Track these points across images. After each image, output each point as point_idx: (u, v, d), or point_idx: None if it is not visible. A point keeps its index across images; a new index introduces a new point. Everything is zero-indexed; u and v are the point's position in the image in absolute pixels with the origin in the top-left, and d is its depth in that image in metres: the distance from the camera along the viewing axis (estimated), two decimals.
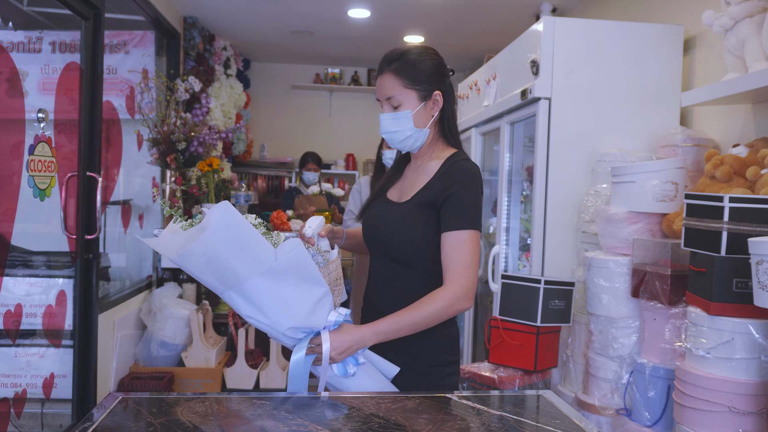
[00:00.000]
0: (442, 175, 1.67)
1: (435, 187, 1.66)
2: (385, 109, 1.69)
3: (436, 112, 1.71)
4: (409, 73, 1.66)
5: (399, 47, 1.71)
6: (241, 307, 1.48)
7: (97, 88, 3.13)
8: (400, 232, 1.67)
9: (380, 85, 1.69)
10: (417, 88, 1.66)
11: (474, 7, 4.44)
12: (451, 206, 1.62)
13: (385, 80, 1.68)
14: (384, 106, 1.70)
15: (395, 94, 1.66)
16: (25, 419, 2.67)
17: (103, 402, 1.26)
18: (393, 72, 1.67)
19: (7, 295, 2.62)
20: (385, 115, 1.69)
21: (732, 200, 1.88)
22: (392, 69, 1.67)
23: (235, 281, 1.43)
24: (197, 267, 1.43)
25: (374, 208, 1.79)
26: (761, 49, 2.09)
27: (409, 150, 1.74)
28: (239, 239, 1.41)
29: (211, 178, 3.99)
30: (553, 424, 1.18)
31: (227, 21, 5.04)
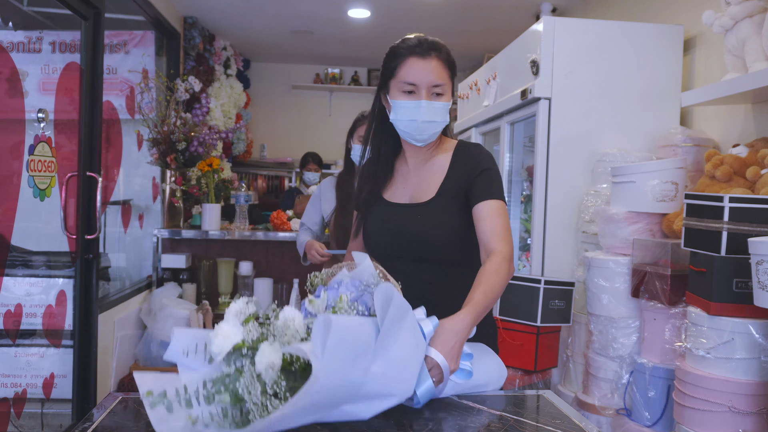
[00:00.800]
0: (459, 162, 1.62)
1: (460, 175, 1.60)
2: (423, 96, 1.56)
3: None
4: (452, 63, 1.61)
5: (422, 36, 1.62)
6: (363, 411, 1.10)
7: (97, 88, 3.12)
8: (438, 233, 1.58)
9: (428, 69, 1.56)
10: (452, 81, 1.62)
11: (474, 7, 4.44)
12: (483, 181, 1.57)
13: (435, 66, 1.57)
14: (422, 92, 1.56)
15: (443, 83, 1.58)
16: (25, 419, 2.67)
17: (103, 402, 1.26)
18: (443, 60, 1.58)
19: (7, 295, 2.62)
20: (438, 102, 1.57)
21: (732, 200, 1.88)
22: (442, 57, 1.58)
23: (351, 396, 1.07)
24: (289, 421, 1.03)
25: (383, 214, 1.66)
26: (761, 49, 2.09)
27: (423, 143, 1.63)
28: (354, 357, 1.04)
29: (211, 178, 3.99)
30: (553, 424, 1.18)
31: (227, 21, 5.04)
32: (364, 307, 1.13)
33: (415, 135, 1.60)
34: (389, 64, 1.62)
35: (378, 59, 1.71)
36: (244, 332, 1.05)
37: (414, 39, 1.60)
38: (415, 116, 1.57)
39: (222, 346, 1.03)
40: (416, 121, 1.57)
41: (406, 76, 1.58)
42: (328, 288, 1.18)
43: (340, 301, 1.11)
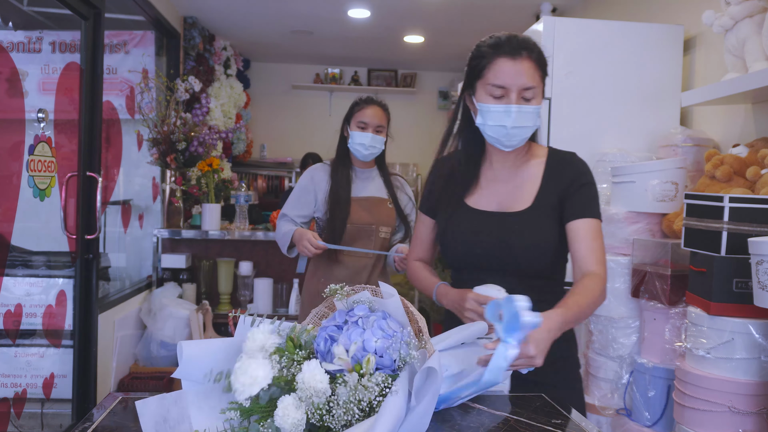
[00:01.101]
0: (555, 171, 1.54)
1: (557, 186, 1.52)
2: (514, 100, 1.45)
3: None
4: (543, 62, 1.49)
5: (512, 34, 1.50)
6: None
7: (97, 88, 3.12)
8: (534, 245, 1.49)
9: (519, 71, 1.44)
10: (543, 82, 1.50)
11: (474, 7, 4.44)
12: (582, 197, 1.51)
13: (526, 68, 1.44)
14: (512, 96, 1.45)
15: (535, 85, 1.46)
16: (25, 419, 2.67)
17: (103, 402, 1.26)
18: (535, 61, 1.46)
19: (7, 295, 2.63)
20: (528, 107, 1.46)
21: (732, 200, 1.88)
22: (533, 57, 1.46)
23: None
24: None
25: (469, 221, 1.56)
26: (761, 49, 2.09)
27: (511, 149, 1.52)
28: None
29: (211, 178, 3.99)
30: (553, 424, 1.18)
31: (227, 21, 5.04)
32: (389, 362, 1.04)
33: (504, 141, 1.50)
34: (476, 64, 1.50)
35: (378, 59, 1.70)
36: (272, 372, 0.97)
37: (503, 37, 1.48)
38: (504, 122, 1.46)
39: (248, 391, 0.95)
40: (505, 127, 1.47)
41: (495, 78, 1.46)
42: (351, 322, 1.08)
43: (367, 362, 1.00)
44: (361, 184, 2.58)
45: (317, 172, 2.60)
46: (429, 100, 6.82)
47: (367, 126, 2.49)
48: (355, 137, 2.50)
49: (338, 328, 1.08)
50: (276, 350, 1.01)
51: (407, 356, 1.02)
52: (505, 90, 1.45)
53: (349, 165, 2.58)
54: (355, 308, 1.11)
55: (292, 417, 0.93)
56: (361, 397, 0.95)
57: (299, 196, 2.58)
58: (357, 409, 0.95)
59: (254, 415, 0.98)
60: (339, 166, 2.57)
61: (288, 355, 1.01)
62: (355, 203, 2.52)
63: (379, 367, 1.02)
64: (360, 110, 2.51)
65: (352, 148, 2.52)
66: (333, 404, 0.96)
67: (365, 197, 2.56)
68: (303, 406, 0.95)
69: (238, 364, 0.96)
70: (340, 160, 2.59)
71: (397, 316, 1.10)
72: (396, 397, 0.95)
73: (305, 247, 2.37)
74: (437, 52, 5.82)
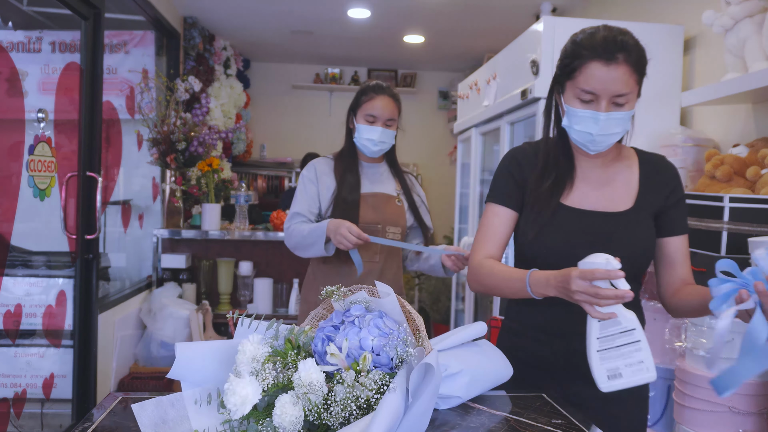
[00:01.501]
0: (652, 176, 1.50)
1: (655, 193, 1.48)
2: (604, 107, 1.37)
3: None
4: (641, 64, 1.38)
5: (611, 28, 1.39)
6: None
7: (97, 88, 3.13)
8: (638, 247, 1.45)
9: (613, 78, 1.34)
10: (640, 83, 1.40)
11: (474, 7, 4.44)
12: (681, 211, 1.49)
13: (621, 74, 1.34)
14: (602, 103, 1.37)
15: (628, 91, 1.36)
16: (25, 419, 2.67)
17: (103, 402, 1.26)
18: (631, 65, 1.35)
19: (7, 295, 2.62)
20: (618, 113, 1.37)
21: (732, 200, 1.88)
22: (631, 60, 1.35)
23: None
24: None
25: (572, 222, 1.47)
26: (761, 49, 2.09)
27: (596, 152, 1.46)
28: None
29: (211, 178, 3.99)
30: (553, 424, 1.18)
31: (227, 21, 5.04)
32: (387, 360, 1.04)
33: (589, 146, 1.44)
34: (568, 63, 1.42)
35: (378, 59, 1.69)
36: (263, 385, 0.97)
37: (600, 37, 1.37)
38: (591, 129, 1.40)
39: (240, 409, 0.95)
40: (591, 134, 1.40)
41: (585, 83, 1.37)
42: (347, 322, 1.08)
43: (363, 360, 1.01)
44: (367, 181, 2.32)
45: (321, 165, 2.33)
46: (429, 100, 6.82)
47: (376, 119, 2.22)
48: (362, 131, 2.24)
49: (335, 328, 1.08)
50: (268, 358, 1.01)
51: (404, 354, 1.02)
52: (595, 96, 1.37)
53: (355, 160, 2.32)
54: (352, 308, 1.11)
55: (289, 414, 0.94)
56: (359, 394, 0.95)
57: (307, 191, 2.30)
58: (354, 406, 0.95)
59: (253, 417, 0.98)
60: (345, 161, 2.32)
61: (281, 360, 1.01)
62: (362, 201, 2.28)
63: (377, 366, 1.03)
64: (368, 101, 2.24)
65: (359, 143, 2.27)
66: (331, 402, 0.96)
67: (371, 194, 2.29)
68: (300, 403, 0.95)
69: (227, 385, 0.96)
70: (346, 154, 2.33)
71: (393, 315, 1.10)
72: (394, 394, 0.95)
73: (345, 237, 2.03)
74: (437, 52, 5.82)
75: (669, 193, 1.49)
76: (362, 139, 2.25)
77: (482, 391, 1.32)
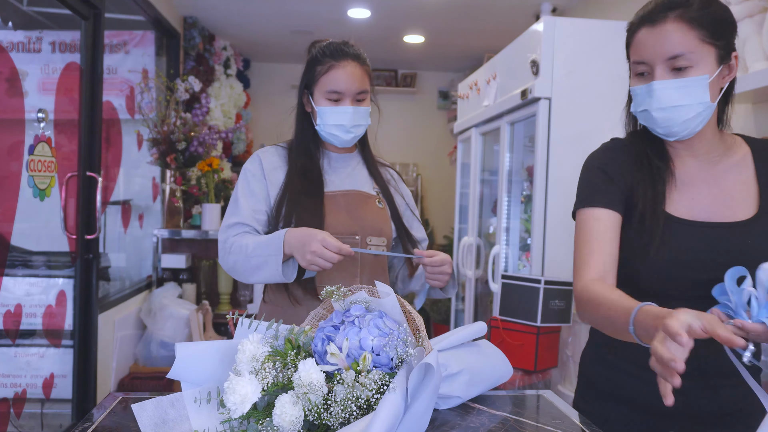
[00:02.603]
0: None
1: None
2: (659, 75, 1.16)
3: (728, 82, 1.20)
4: (708, 20, 1.14)
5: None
6: None
7: (97, 88, 3.13)
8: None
9: (657, 38, 1.15)
10: (717, 43, 1.14)
11: (474, 7, 4.44)
12: None
13: (670, 31, 1.14)
14: (657, 71, 1.16)
15: (687, 51, 1.13)
16: (24, 419, 2.67)
17: (103, 402, 1.26)
18: (685, 19, 1.13)
19: (7, 295, 2.62)
20: (666, 82, 1.14)
21: None
22: (681, 15, 1.14)
23: None
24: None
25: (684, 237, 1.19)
26: (761, 49, 2.09)
27: (683, 137, 1.20)
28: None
29: (211, 178, 3.99)
30: (553, 424, 1.18)
31: (227, 21, 5.04)
32: (387, 360, 1.03)
33: (658, 130, 1.21)
34: (626, 39, 1.24)
35: (378, 59, 1.66)
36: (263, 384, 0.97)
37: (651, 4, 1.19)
38: (647, 104, 1.17)
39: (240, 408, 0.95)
40: (648, 111, 1.18)
41: (636, 53, 1.19)
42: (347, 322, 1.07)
43: (363, 360, 0.99)
44: (335, 175, 1.72)
45: (269, 156, 1.72)
46: (429, 100, 6.82)
47: (342, 96, 1.64)
48: (326, 115, 1.64)
49: (335, 328, 1.08)
50: (268, 357, 1.01)
51: (404, 354, 1.02)
52: (648, 66, 1.17)
53: (316, 149, 1.73)
54: (352, 308, 1.10)
55: (289, 414, 0.94)
56: (359, 394, 0.96)
57: (251, 189, 1.66)
58: (354, 406, 0.95)
59: (253, 417, 0.99)
60: (303, 147, 1.72)
61: (281, 360, 1.02)
62: (329, 202, 1.65)
63: (377, 366, 1.03)
64: (327, 72, 1.64)
65: (325, 133, 1.68)
66: (331, 402, 0.96)
67: (342, 192, 1.69)
68: (300, 403, 0.95)
69: (227, 384, 0.96)
70: (303, 144, 1.72)
71: (393, 315, 1.09)
72: (394, 394, 0.95)
73: (317, 255, 1.43)
74: (437, 52, 5.82)
75: None
76: (328, 126, 1.66)
77: (482, 391, 1.31)
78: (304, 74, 1.70)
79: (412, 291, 1.79)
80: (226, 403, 0.96)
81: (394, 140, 6.65)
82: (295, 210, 1.62)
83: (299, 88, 1.72)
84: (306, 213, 1.61)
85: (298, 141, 1.74)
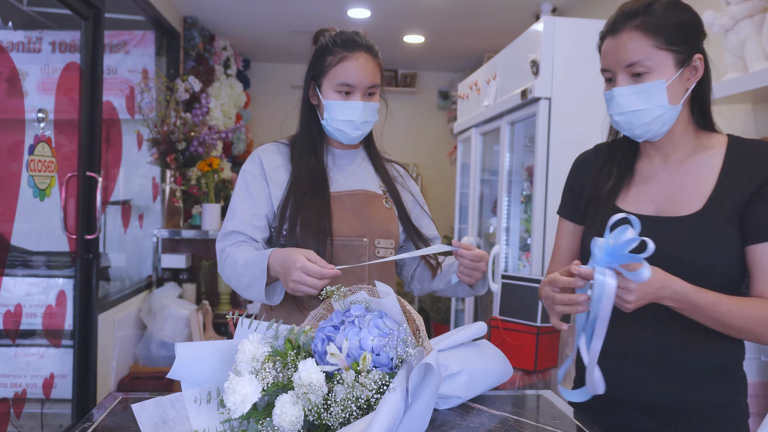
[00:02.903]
0: (736, 165, 1.24)
1: (741, 187, 1.21)
2: (621, 81, 1.25)
3: (694, 83, 1.28)
4: (663, 28, 1.22)
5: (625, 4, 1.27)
6: None
7: (97, 88, 3.13)
8: (698, 260, 1.20)
9: (616, 48, 1.25)
10: (674, 49, 1.22)
11: (474, 7, 4.44)
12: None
13: (625, 40, 1.23)
14: (619, 78, 1.26)
15: (641, 58, 1.21)
16: (24, 419, 2.67)
17: (103, 402, 1.26)
18: (639, 29, 1.22)
19: (7, 295, 2.62)
20: (624, 88, 1.24)
21: None
22: (637, 25, 1.22)
23: None
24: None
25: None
26: (761, 49, 2.09)
27: (649, 138, 1.28)
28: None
29: (211, 178, 3.99)
30: (553, 424, 1.18)
31: (227, 21, 5.04)
32: (387, 360, 1.03)
33: (624, 130, 1.30)
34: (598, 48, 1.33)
35: None
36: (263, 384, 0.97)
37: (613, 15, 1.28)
38: (613, 109, 1.28)
39: (240, 408, 0.95)
40: (613, 116, 1.29)
41: (602, 61, 1.30)
42: (347, 322, 1.07)
43: (363, 360, 0.99)
44: (340, 174, 1.63)
45: (270, 155, 1.62)
46: (429, 100, 6.82)
47: (353, 90, 1.55)
48: (335, 110, 1.55)
49: (335, 328, 1.08)
50: (268, 357, 1.01)
51: (404, 354, 1.02)
52: (611, 73, 1.28)
53: (320, 145, 1.63)
54: (352, 308, 1.10)
55: (289, 414, 0.94)
56: (359, 394, 0.95)
57: (250, 193, 1.57)
58: (354, 406, 0.95)
59: (253, 417, 0.99)
60: (307, 143, 1.62)
61: (281, 360, 1.02)
62: (335, 203, 1.57)
63: (377, 366, 1.03)
64: (339, 64, 1.55)
65: (332, 128, 1.58)
66: (331, 402, 0.96)
67: (349, 192, 1.61)
68: (300, 403, 0.95)
69: (227, 384, 0.96)
70: (308, 139, 1.62)
71: (393, 315, 1.09)
72: (394, 394, 0.95)
73: (301, 281, 1.33)
74: (437, 52, 5.82)
75: (761, 184, 1.20)
76: (336, 121, 1.56)
77: (482, 391, 1.31)
78: (312, 64, 1.60)
79: (434, 290, 1.69)
80: (226, 403, 0.95)
81: (394, 140, 6.64)
82: (301, 212, 1.52)
83: (305, 78, 1.62)
84: (312, 215, 1.52)
85: (303, 136, 1.63)
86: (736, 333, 1.20)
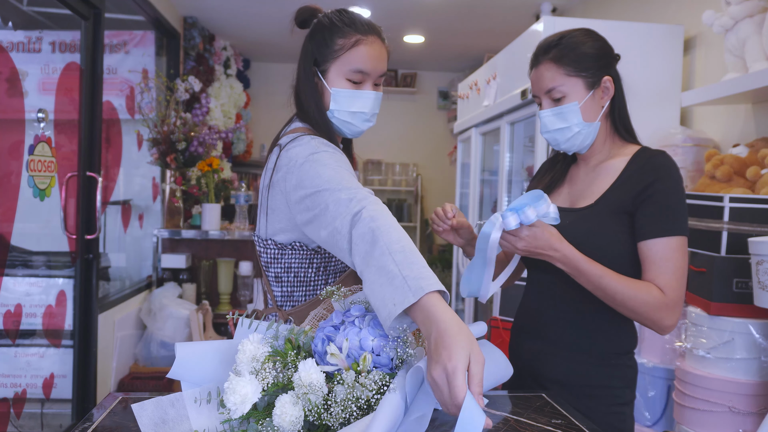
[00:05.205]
0: (634, 173, 1.42)
1: (627, 188, 1.41)
2: (545, 105, 1.48)
3: (607, 101, 1.49)
4: (571, 58, 1.44)
5: (554, 34, 1.51)
6: None
7: (97, 88, 3.13)
8: (587, 243, 1.40)
9: (537, 77, 1.49)
10: (583, 75, 1.44)
11: (474, 7, 4.44)
12: (654, 208, 1.37)
13: (543, 71, 1.47)
14: (543, 102, 1.48)
15: (556, 85, 1.44)
16: (25, 419, 2.67)
17: (103, 402, 1.26)
18: (552, 60, 1.46)
19: (7, 295, 2.62)
20: (546, 111, 1.47)
21: (732, 200, 1.88)
22: (550, 57, 1.46)
23: None
24: None
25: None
26: (761, 49, 2.09)
27: (576, 150, 1.51)
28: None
29: (211, 178, 3.99)
30: (553, 424, 1.18)
31: (227, 21, 5.04)
32: (387, 360, 1.03)
33: (557, 145, 1.51)
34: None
35: None
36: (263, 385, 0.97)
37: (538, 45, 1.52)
38: (543, 129, 1.50)
39: (240, 408, 0.95)
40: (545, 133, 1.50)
41: (531, 89, 1.54)
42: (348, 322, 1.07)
43: (363, 360, 0.99)
44: None
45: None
46: (429, 100, 6.82)
47: (367, 77, 1.39)
48: (344, 100, 1.38)
49: (335, 328, 1.08)
50: (268, 358, 1.01)
51: (404, 354, 1.02)
52: (538, 98, 1.51)
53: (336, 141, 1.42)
54: (352, 308, 1.10)
55: (289, 414, 0.94)
56: (359, 394, 0.95)
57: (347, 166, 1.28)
58: (354, 406, 0.95)
59: (253, 417, 0.99)
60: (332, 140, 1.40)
61: (281, 360, 1.02)
62: None
63: (377, 366, 1.03)
64: (353, 48, 1.37)
65: (339, 120, 1.41)
66: (331, 402, 0.96)
67: None
68: (300, 403, 0.95)
69: (227, 384, 0.96)
70: (330, 130, 1.42)
71: None
72: (394, 394, 0.94)
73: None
74: (437, 52, 5.82)
75: (641, 190, 1.38)
76: (344, 112, 1.40)
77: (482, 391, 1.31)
78: (317, 46, 1.39)
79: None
80: (226, 403, 0.95)
81: (394, 140, 6.65)
82: None
83: (305, 61, 1.41)
84: None
85: (323, 126, 1.39)
86: (620, 308, 1.37)
